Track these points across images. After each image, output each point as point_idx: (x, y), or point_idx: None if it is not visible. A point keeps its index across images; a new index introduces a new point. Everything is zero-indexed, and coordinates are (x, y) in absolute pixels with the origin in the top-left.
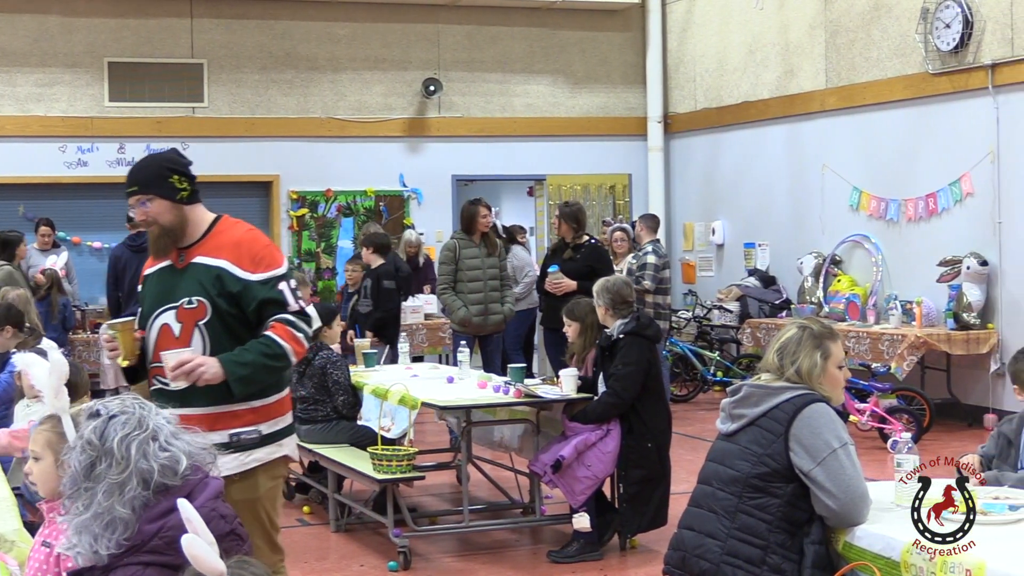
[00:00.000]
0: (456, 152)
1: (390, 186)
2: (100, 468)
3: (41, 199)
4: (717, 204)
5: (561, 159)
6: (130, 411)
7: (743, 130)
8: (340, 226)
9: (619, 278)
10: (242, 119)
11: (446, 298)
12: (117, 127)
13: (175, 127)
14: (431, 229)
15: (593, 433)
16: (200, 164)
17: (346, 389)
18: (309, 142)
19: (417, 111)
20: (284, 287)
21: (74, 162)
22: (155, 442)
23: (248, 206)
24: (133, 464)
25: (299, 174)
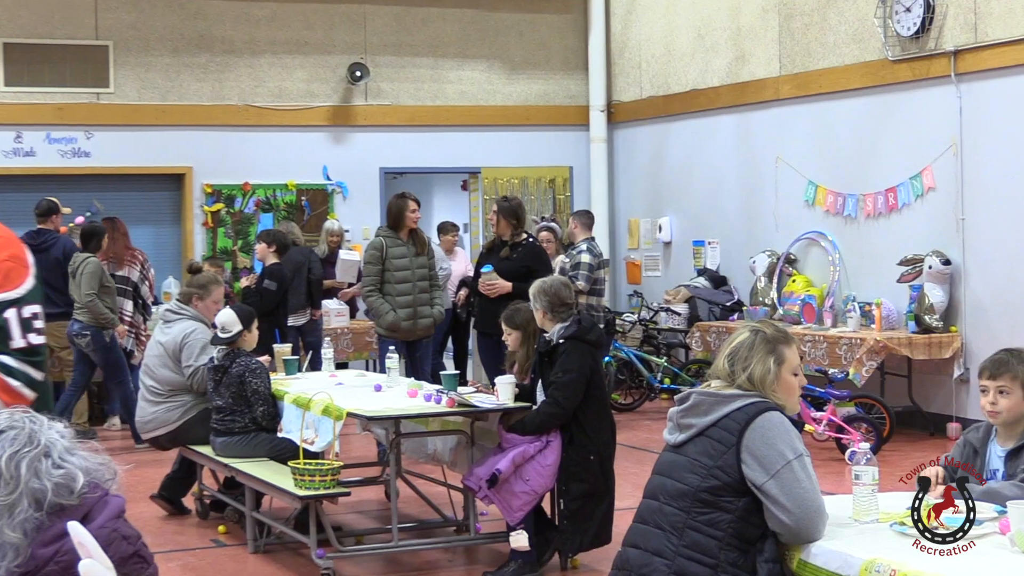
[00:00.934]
0: (384, 143)
1: (313, 179)
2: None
3: None
4: (664, 199)
5: (497, 151)
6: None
7: (692, 120)
8: (259, 223)
9: (557, 279)
10: (151, 106)
11: (373, 300)
12: (14, 114)
13: (78, 114)
14: (357, 225)
15: (532, 445)
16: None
17: (266, 399)
18: (225, 131)
19: (342, 98)
20: (12, 316)
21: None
22: (47, 459)
23: (158, 201)
24: (23, 484)
25: (214, 166)
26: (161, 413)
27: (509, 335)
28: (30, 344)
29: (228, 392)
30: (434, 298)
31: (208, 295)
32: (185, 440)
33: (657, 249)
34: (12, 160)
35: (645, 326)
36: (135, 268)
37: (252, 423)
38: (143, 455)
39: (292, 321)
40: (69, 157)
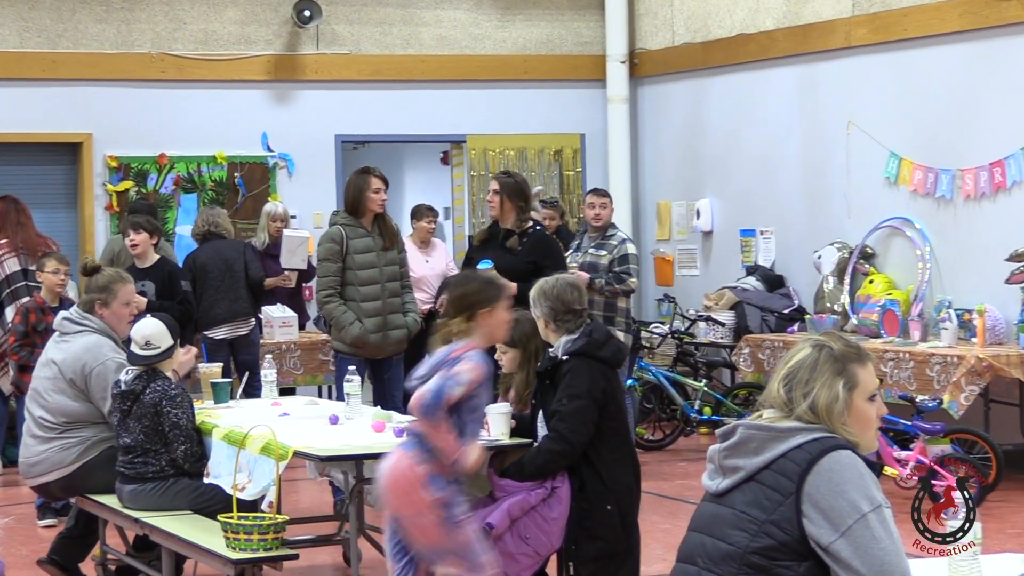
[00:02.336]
0: (341, 104)
1: (249, 150)
2: None
3: None
4: (703, 177)
5: (487, 114)
6: None
7: (739, 74)
8: (179, 206)
9: (563, 278)
10: (37, 55)
11: (332, 308)
12: None
13: None
14: (306, 210)
15: (532, 493)
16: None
17: (188, 434)
18: (134, 88)
19: (286, 46)
20: None
21: None
22: None
23: (47, 177)
24: None
25: (120, 133)
26: (53, 453)
27: (504, 353)
28: None
29: (139, 426)
30: (406, 303)
31: (113, 298)
32: (84, 488)
33: (694, 241)
34: None
35: (679, 340)
36: None
37: (170, 466)
38: (27, 508)
39: (223, 334)
40: None
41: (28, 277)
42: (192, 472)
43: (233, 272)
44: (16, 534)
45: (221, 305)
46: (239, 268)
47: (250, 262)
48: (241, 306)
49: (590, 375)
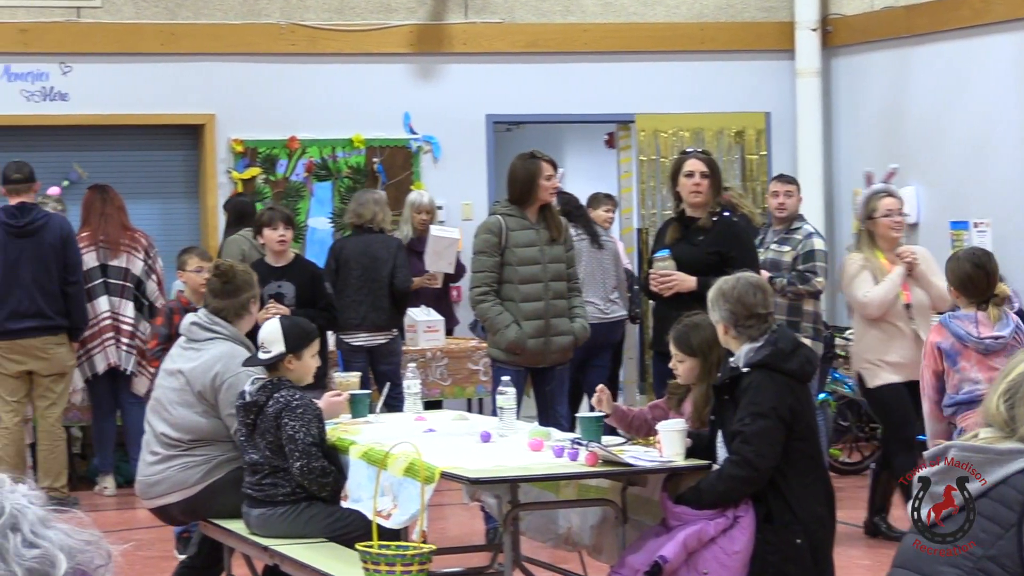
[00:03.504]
0: (493, 79)
1: (389, 132)
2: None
3: None
4: (907, 160)
5: (659, 91)
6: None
7: (948, 42)
8: (311, 195)
9: (745, 277)
10: (155, 27)
11: (486, 308)
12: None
13: (49, 39)
14: (454, 199)
15: (711, 523)
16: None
17: (306, 449)
18: (261, 63)
19: (431, 14)
20: None
21: None
22: (15, 534)
23: (164, 163)
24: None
25: (246, 114)
26: (175, 472)
27: (681, 362)
28: None
29: (263, 442)
30: (574, 307)
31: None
32: (208, 512)
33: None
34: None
35: None
36: (137, 257)
37: (303, 488)
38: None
39: (361, 341)
40: (37, 100)
41: (107, 273)
42: (313, 493)
43: (378, 275)
44: (134, 562)
45: (360, 310)
46: (385, 272)
47: (399, 267)
48: (380, 316)
49: (776, 390)
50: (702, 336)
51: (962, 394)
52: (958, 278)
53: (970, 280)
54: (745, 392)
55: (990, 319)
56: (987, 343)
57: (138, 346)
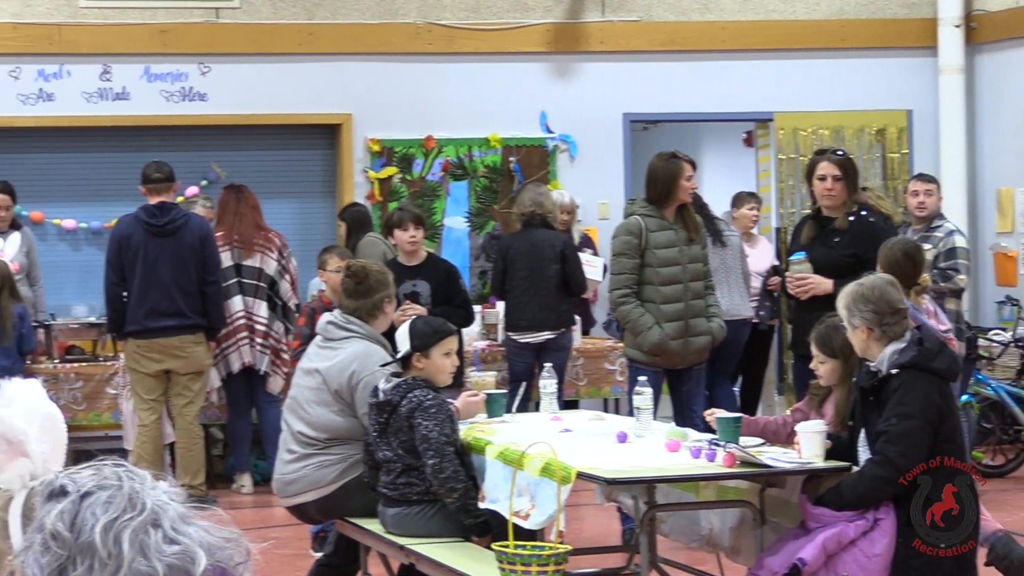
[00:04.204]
0: (630, 78)
1: (525, 131)
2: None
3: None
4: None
5: (798, 88)
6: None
7: None
8: (448, 195)
9: (879, 276)
10: (293, 27)
11: (628, 310)
12: (99, 40)
13: (188, 40)
14: (590, 198)
15: (851, 525)
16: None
17: (440, 448)
18: (398, 62)
19: (568, 13)
20: None
21: (32, 94)
22: (157, 530)
23: (303, 162)
24: (127, 566)
25: (383, 113)
26: (311, 471)
27: (822, 363)
28: None
29: (396, 441)
30: (710, 307)
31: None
32: (344, 510)
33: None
34: (97, 105)
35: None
36: (270, 256)
37: None
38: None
39: (529, 338)
40: (176, 101)
41: (241, 273)
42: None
43: (546, 272)
44: (271, 560)
45: (529, 308)
46: (553, 269)
47: (573, 270)
48: (548, 313)
49: (924, 391)
50: (844, 337)
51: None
52: (888, 263)
53: (899, 266)
54: (893, 393)
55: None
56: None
57: (272, 345)
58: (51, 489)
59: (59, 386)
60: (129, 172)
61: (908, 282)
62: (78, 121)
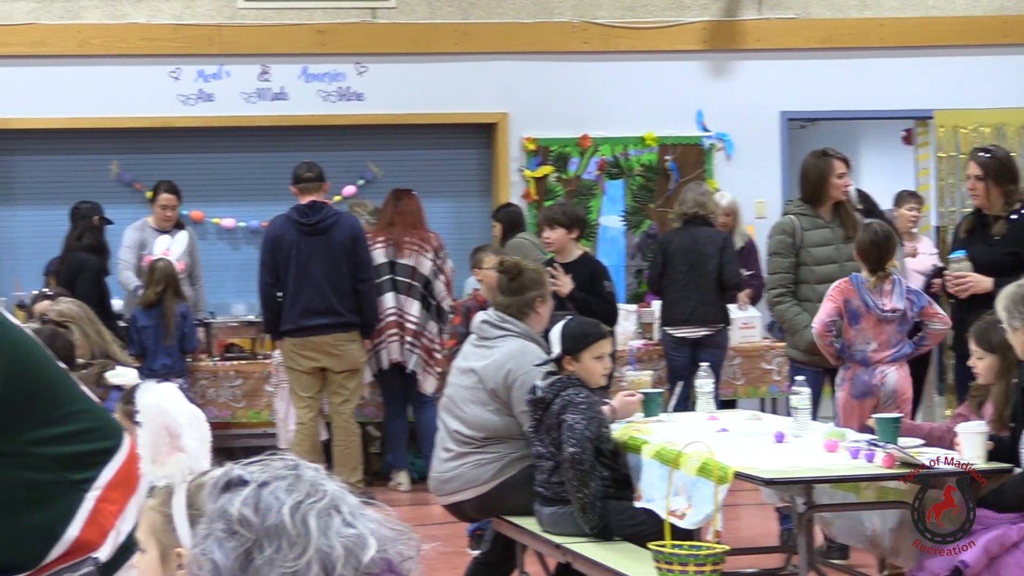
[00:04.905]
0: (787, 76)
1: (681, 130)
2: (264, 556)
3: (143, 151)
4: None
5: (958, 85)
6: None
7: None
8: (603, 193)
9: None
10: (449, 27)
11: (784, 309)
12: (258, 40)
13: (345, 40)
14: (747, 197)
15: (1014, 527)
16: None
17: (582, 440)
18: (553, 61)
19: (724, 11)
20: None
21: (192, 95)
22: (337, 514)
23: (459, 162)
24: (313, 543)
25: (538, 112)
26: (468, 469)
27: (980, 359)
28: None
29: (549, 438)
30: None
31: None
32: (500, 509)
33: None
34: (256, 105)
35: None
36: (425, 256)
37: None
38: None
39: (686, 333)
40: (333, 101)
41: (395, 270)
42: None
43: (705, 269)
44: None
45: (688, 304)
46: (712, 266)
47: (728, 262)
48: (708, 310)
49: None
50: (1003, 333)
51: (855, 352)
52: (861, 247)
53: (868, 250)
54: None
55: (872, 285)
56: (886, 314)
57: (423, 345)
58: (228, 479)
59: (218, 383)
60: (287, 172)
61: (877, 265)
62: (237, 121)
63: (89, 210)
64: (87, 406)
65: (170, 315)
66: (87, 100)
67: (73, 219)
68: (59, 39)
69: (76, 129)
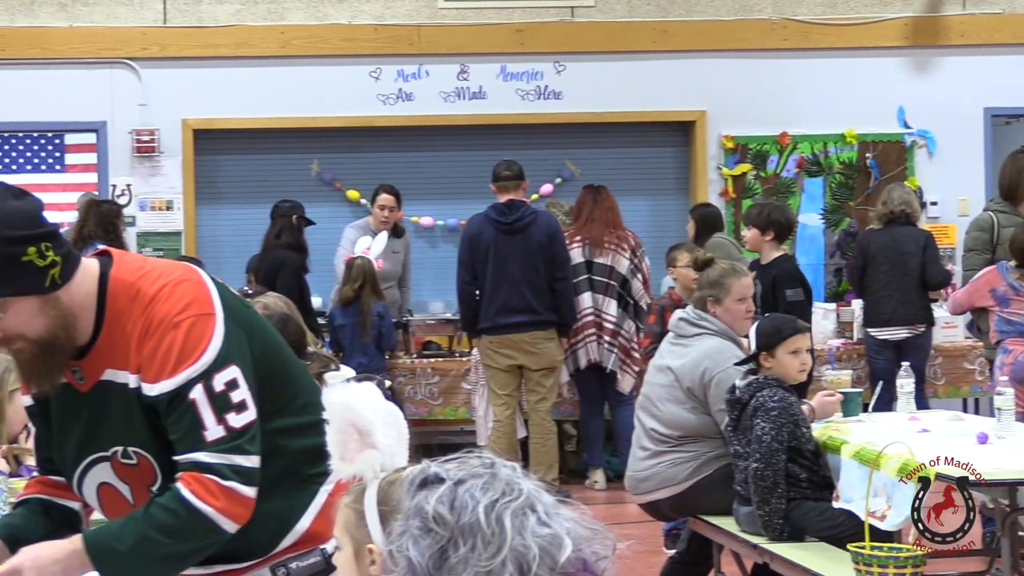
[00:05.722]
0: (991, 72)
1: (882, 127)
2: (458, 554)
3: (343, 151)
4: None
5: None
6: (486, 472)
7: None
8: (802, 192)
9: None
10: (647, 25)
11: None
12: (457, 40)
13: (543, 39)
14: (950, 195)
15: None
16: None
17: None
18: (752, 59)
19: (926, 6)
20: (200, 396)
21: (392, 94)
22: (533, 514)
23: (656, 160)
24: (508, 543)
25: (736, 110)
26: (664, 468)
27: None
28: (231, 429)
29: (745, 438)
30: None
31: (726, 294)
32: (697, 508)
33: None
34: (455, 104)
35: None
36: (623, 256)
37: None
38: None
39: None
40: (532, 99)
41: (592, 270)
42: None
43: (907, 269)
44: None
45: (889, 304)
46: (914, 265)
47: (930, 261)
48: (910, 310)
49: None
50: None
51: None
52: (1015, 245)
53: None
54: None
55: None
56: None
57: (621, 344)
58: (424, 476)
59: (416, 381)
60: (485, 170)
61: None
62: (436, 120)
63: (289, 209)
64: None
65: (367, 313)
66: (289, 100)
67: (273, 217)
68: (262, 40)
69: (278, 129)
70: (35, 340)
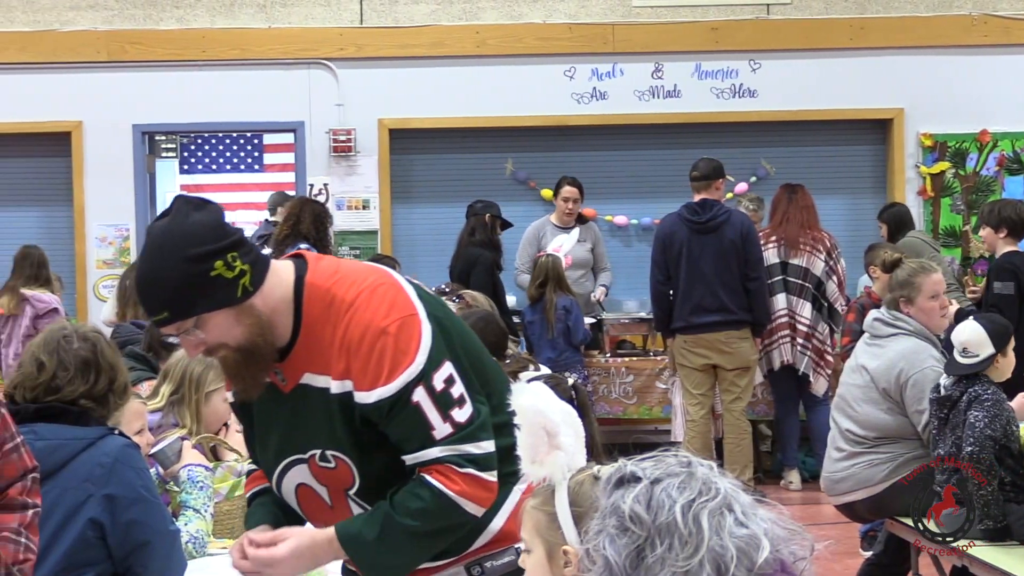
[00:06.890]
0: None
1: None
2: (655, 554)
3: (537, 150)
4: None
5: None
6: (683, 471)
7: None
8: (1003, 190)
9: None
10: (844, 22)
11: None
12: (651, 39)
13: (739, 37)
14: None
15: None
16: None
17: (981, 439)
18: (952, 55)
19: None
20: (422, 397)
21: (586, 93)
22: (730, 514)
23: (853, 158)
24: (706, 543)
25: (936, 107)
26: (860, 469)
27: None
28: (458, 424)
29: (953, 436)
30: None
31: (917, 292)
32: (893, 510)
33: None
34: (649, 103)
35: None
36: (818, 257)
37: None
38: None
39: None
40: (727, 98)
41: (786, 271)
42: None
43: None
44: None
45: None
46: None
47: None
48: None
49: None
50: None
51: None
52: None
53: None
54: None
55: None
56: None
57: (814, 346)
58: (621, 475)
59: (610, 380)
60: (679, 169)
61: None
62: (630, 119)
63: (482, 208)
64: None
65: (551, 308)
66: (484, 99)
67: (468, 216)
68: (457, 40)
69: (472, 128)
70: (236, 348)
